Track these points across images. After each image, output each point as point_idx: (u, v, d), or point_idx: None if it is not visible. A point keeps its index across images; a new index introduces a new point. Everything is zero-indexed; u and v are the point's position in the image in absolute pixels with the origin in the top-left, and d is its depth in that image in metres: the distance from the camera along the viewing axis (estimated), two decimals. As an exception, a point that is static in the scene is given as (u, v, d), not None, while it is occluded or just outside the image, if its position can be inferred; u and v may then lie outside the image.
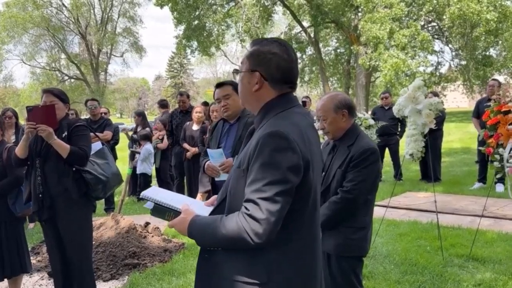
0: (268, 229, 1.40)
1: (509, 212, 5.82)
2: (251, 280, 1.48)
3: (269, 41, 1.62)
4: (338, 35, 31.29)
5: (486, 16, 19.23)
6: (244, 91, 1.63)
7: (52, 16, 39.76)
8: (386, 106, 8.73)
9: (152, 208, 1.60)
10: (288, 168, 1.42)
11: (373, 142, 2.91)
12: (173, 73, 68.08)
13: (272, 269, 1.49)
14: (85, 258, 3.28)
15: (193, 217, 1.56)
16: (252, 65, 1.59)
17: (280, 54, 1.58)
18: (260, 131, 1.52)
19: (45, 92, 3.26)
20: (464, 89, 28.20)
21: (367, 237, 2.65)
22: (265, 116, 1.58)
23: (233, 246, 1.47)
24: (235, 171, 1.55)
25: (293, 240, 1.52)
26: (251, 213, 1.40)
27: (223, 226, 1.45)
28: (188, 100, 7.62)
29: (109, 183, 3.34)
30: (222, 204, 1.58)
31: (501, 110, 4.11)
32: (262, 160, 1.42)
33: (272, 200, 1.40)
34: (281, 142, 1.43)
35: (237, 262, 1.50)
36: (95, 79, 42.19)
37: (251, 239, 1.40)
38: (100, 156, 3.40)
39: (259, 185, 1.41)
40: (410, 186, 8.07)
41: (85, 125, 3.30)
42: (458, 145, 14.42)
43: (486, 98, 7.74)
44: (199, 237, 1.53)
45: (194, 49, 29.12)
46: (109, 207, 6.92)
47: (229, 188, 1.56)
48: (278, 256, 1.49)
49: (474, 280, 3.74)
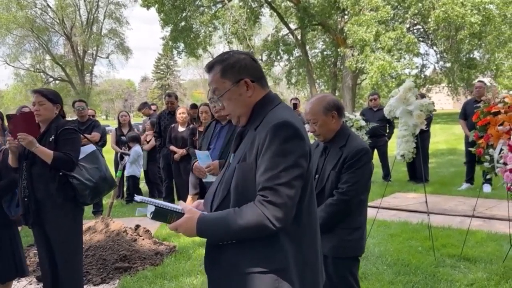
0: (288, 213, 1.49)
1: (498, 212, 5.89)
2: (267, 268, 1.53)
3: (228, 54, 1.69)
4: (325, 38, 31.42)
5: (470, 19, 19.50)
6: (239, 103, 1.66)
7: (36, 17, 39.19)
8: (374, 108, 8.79)
9: (154, 211, 1.55)
10: (299, 155, 1.52)
11: (365, 142, 2.91)
12: (159, 74, 67.70)
13: (286, 255, 1.54)
14: (73, 262, 3.20)
15: (201, 215, 1.57)
16: (234, 77, 1.64)
17: (247, 57, 1.69)
18: (263, 125, 1.57)
19: (34, 93, 3.18)
20: (449, 91, 28.59)
21: (363, 237, 2.65)
22: (259, 114, 1.64)
23: (251, 235, 1.51)
24: (240, 166, 1.58)
25: (300, 225, 1.58)
26: (270, 199, 1.47)
27: (240, 217, 1.49)
28: (176, 101, 7.57)
29: (97, 189, 3.21)
30: (225, 201, 1.60)
31: (491, 111, 4.15)
32: (275, 149, 1.49)
33: (289, 185, 1.49)
34: (290, 131, 1.52)
35: (252, 253, 1.54)
36: (80, 80, 41.69)
37: (272, 225, 1.47)
38: (89, 160, 3.27)
39: (275, 172, 1.48)
40: (398, 187, 8.14)
41: (73, 128, 3.18)
42: (444, 146, 14.60)
43: (473, 99, 7.84)
44: (212, 232, 1.55)
45: (181, 51, 28.92)
46: (97, 210, 6.83)
47: (233, 184, 1.58)
48: (289, 242, 1.55)
49: (466, 280, 3.77)
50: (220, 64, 1.66)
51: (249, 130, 1.68)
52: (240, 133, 1.76)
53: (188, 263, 4.49)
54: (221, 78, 1.65)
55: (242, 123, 1.70)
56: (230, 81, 1.64)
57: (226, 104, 1.68)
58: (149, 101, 50.53)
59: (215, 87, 1.68)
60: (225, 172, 1.71)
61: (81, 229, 3.38)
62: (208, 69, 1.71)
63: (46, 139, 3.09)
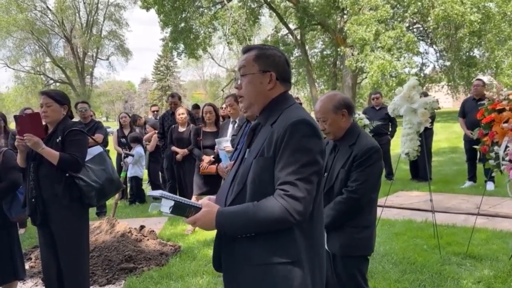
0: (307, 207, 1.57)
1: (502, 210, 5.89)
2: (281, 260, 1.58)
3: (268, 46, 1.79)
4: (324, 37, 31.43)
5: (470, 18, 19.48)
6: (256, 90, 1.73)
7: (36, 19, 39.14)
8: (377, 107, 8.80)
9: (173, 205, 1.58)
10: (317, 152, 1.60)
11: (375, 141, 2.91)
12: (159, 76, 67.60)
13: (299, 248, 1.60)
14: (78, 264, 3.19)
15: (219, 209, 1.62)
16: (263, 66, 1.72)
17: (283, 57, 1.79)
18: (280, 122, 1.63)
19: (42, 94, 3.20)
20: (449, 89, 28.55)
21: (372, 236, 2.64)
22: (274, 110, 1.71)
23: (271, 228, 1.56)
24: (258, 161, 1.62)
25: (312, 220, 1.65)
26: (291, 193, 1.53)
27: (260, 210, 1.54)
28: (179, 102, 7.57)
29: (103, 191, 3.21)
30: (240, 195, 1.64)
31: (495, 108, 4.15)
32: (294, 145, 1.56)
33: (308, 180, 1.56)
34: (308, 128, 1.59)
35: (266, 245, 1.59)
36: (80, 82, 41.67)
37: (293, 218, 1.53)
38: (96, 162, 3.27)
39: (295, 167, 1.55)
40: (401, 186, 8.13)
41: (79, 130, 3.18)
42: (446, 144, 14.60)
43: (471, 98, 7.85)
44: (231, 225, 1.59)
45: (180, 52, 28.89)
46: (100, 211, 6.83)
47: (249, 179, 1.63)
48: (301, 236, 1.61)
49: (473, 277, 3.77)
50: (258, 50, 1.75)
51: (263, 125, 1.73)
52: (253, 128, 1.80)
53: (193, 263, 4.49)
54: (252, 61, 1.73)
55: (252, 111, 1.76)
56: (258, 67, 1.72)
57: (244, 85, 1.74)
58: (150, 102, 50.34)
59: (243, 65, 1.76)
60: (239, 166, 1.75)
61: (87, 230, 3.36)
62: (245, 50, 1.79)
63: (53, 140, 3.10)
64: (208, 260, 4.57)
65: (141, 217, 6.78)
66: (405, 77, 19.87)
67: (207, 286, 3.92)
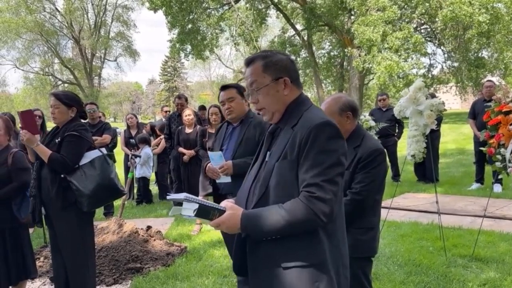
0: (333, 209, 1.57)
1: (509, 213, 5.86)
2: (307, 262, 1.58)
3: (271, 52, 1.78)
4: (332, 38, 31.39)
5: (478, 18, 19.35)
6: (275, 100, 1.73)
7: (45, 21, 39.48)
8: (383, 108, 8.79)
9: (197, 208, 1.58)
10: (341, 153, 1.60)
11: (379, 143, 2.92)
12: (166, 77, 67.92)
13: (324, 250, 1.60)
14: (82, 266, 3.20)
15: (244, 211, 1.62)
16: (274, 74, 1.72)
17: (288, 58, 1.79)
18: (302, 124, 1.63)
19: (51, 95, 3.27)
20: (457, 90, 28.38)
21: (376, 238, 2.65)
22: (294, 113, 1.71)
23: (298, 230, 1.56)
24: (281, 164, 1.62)
25: (335, 221, 1.65)
26: (318, 195, 1.53)
27: (286, 212, 1.54)
28: (186, 103, 7.60)
29: (95, 197, 3.09)
30: (263, 199, 1.64)
31: (502, 111, 4.14)
32: (319, 147, 1.57)
33: (333, 181, 1.57)
34: (333, 130, 1.60)
35: (291, 248, 1.59)
36: (88, 83, 41.96)
37: (320, 220, 1.54)
38: (93, 166, 3.16)
39: (320, 169, 1.55)
40: (408, 187, 8.11)
41: (77, 134, 3.13)
42: (453, 146, 14.52)
43: (481, 99, 7.80)
44: (257, 228, 1.57)
45: (188, 53, 29.01)
46: (108, 211, 6.89)
47: (272, 182, 1.63)
48: (326, 237, 1.61)
49: (478, 280, 3.75)
50: (263, 59, 1.74)
51: (282, 129, 1.73)
52: (271, 132, 1.81)
53: (199, 264, 4.52)
54: (262, 72, 1.72)
55: (275, 119, 1.76)
56: (270, 77, 1.71)
57: (262, 98, 1.73)
58: (157, 103, 50.50)
59: (254, 80, 1.74)
60: (259, 170, 1.75)
61: (89, 232, 3.30)
62: (248, 63, 1.77)
63: (54, 140, 3.16)
64: (214, 260, 4.61)
65: (148, 218, 6.83)
66: (412, 78, 19.78)
67: (212, 286, 3.95)
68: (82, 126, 3.22)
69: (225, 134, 3.53)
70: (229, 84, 3.52)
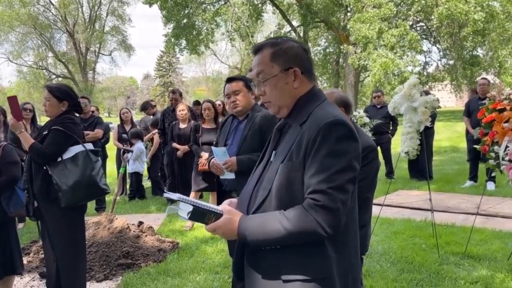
0: (340, 219, 1.39)
1: (501, 210, 5.87)
2: (310, 276, 1.43)
3: (281, 39, 1.60)
4: (328, 35, 31.38)
5: (474, 16, 19.40)
6: (284, 93, 1.55)
7: (39, 14, 39.22)
8: (378, 105, 8.77)
9: (192, 211, 1.47)
10: (353, 156, 1.43)
11: (371, 139, 2.89)
12: (161, 72, 67.66)
13: (330, 263, 1.44)
14: (72, 260, 3.16)
15: (242, 216, 1.48)
16: (283, 64, 1.54)
17: (300, 46, 1.60)
18: (311, 122, 1.46)
19: (44, 88, 3.25)
20: (452, 88, 28.47)
21: (367, 235, 2.63)
22: (304, 109, 1.54)
23: (299, 241, 1.41)
24: (286, 165, 1.46)
25: (345, 231, 1.48)
26: (323, 204, 1.36)
27: (287, 221, 1.38)
28: (180, 98, 7.55)
29: (73, 193, 2.99)
30: (265, 202, 1.49)
31: (496, 108, 4.12)
32: (328, 149, 1.39)
33: (342, 189, 1.39)
34: (344, 130, 1.42)
35: (295, 260, 1.44)
36: (83, 77, 41.75)
37: (324, 231, 1.37)
38: (73, 162, 3.06)
39: (327, 174, 1.37)
40: (401, 185, 8.11)
41: (60, 129, 3.06)
42: (447, 143, 14.56)
43: (476, 97, 7.80)
44: (255, 236, 1.43)
45: (183, 48, 28.92)
46: (100, 206, 6.83)
47: (275, 184, 1.47)
48: (333, 249, 1.45)
49: (470, 277, 3.75)
50: (272, 47, 1.56)
51: (291, 125, 1.57)
52: (279, 128, 1.65)
53: (191, 260, 4.48)
54: (270, 62, 1.55)
55: (282, 114, 1.59)
56: (279, 67, 1.54)
57: (268, 90, 1.56)
58: (152, 98, 50.54)
59: (261, 69, 1.56)
60: (263, 170, 1.60)
61: (79, 227, 3.24)
62: (256, 50, 1.60)
63: (42, 133, 3.14)
64: (206, 256, 4.57)
65: (140, 213, 6.78)
66: (407, 76, 19.78)
67: (204, 283, 3.91)
68: (71, 119, 3.15)
69: (230, 129, 3.41)
70: (236, 76, 3.36)
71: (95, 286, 3.94)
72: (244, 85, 3.22)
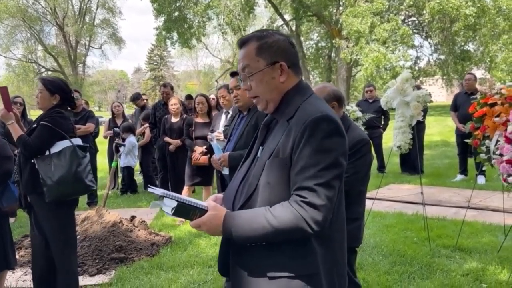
0: (327, 216, 1.38)
1: (492, 204, 5.94)
2: (296, 273, 1.42)
3: (267, 32, 1.57)
4: (320, 29, 31.37)
5: (465, 11, 19.54)
6: (270, 87, 1.53)
7: (28, 6, 38.65)
8: (370, 99, 8.80)
9: (176, 206, 1.45)
10: (340, 153, 1.42)
11: (364, 133, 2.91)
12: (153, 65, 67.22)
13: (316, 259, 1.44)
14: (64, 254, 3.14)
15: (228, 213, 1.46)
16: (269, 58, 1.51)
17: (286, 39, 1.57)
18: (298, 117, 1.45)
19: (39, 80, 3.25)
20: (443, 83, 28.67)
21: (361, 228, 2.66)
22: (291, 104, 1.52)
23: (284, 238, 1.40)
24: (273, 162, 1.44)
25: (331, 227, 1.46)
26: (309, 201, 1.35)
27: (273, 217, 1.37)
28: (172, 92, 7.51)
29: (55, 188, 2.95)
30: (251, 199, 1.47)
31: (487, 103, 4.15)
32: (314, 145, 1.38)
33: (328, 185, 1.38)
34: (331, 126, 1.41)
35: (280, 256, 1.43)
36: (73, 71, 41.33)
37: (310, 228, 1.36)
38: (59, 157, 3.02)
39: (314, 170, 1.37)
40: (393, 179, 8.16)
41: (47, 124, 3.03)
42: (438, 138, 14.67)
43: (463, 92, 7.89)
44: (240, 232, 1.41)
45: (174, 41, 28.73)
46: (92, 200, 6.79)
47: (262, 181, 1.46)
48: (319, 245, 1.44)
49: (461, 270, 3.80)
50: (257, 40, 1.53)
51: (278, 121, 1.55)
52: (266, 124, 1.63)
53: (184, 254, 4.49)
54: (256, 56, 1.52)
55: (269, 109, 1.57)
56: (265, 61, 1.51)
57: (254, 85, 1.54)
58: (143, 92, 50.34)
59: (246, 64, 1.53)
60: (250, 166, 1.58)
61: (67, 223, 3.19)
62: (242, 44, 1.57)
63: (33, 125, 3.13)
64: (199, 250, 4.58)
65: (132, 207, 6.76)
66: (399, 70, 19.89)
67: (197, 276, 3.92)
68: (60, 113, 3.10)
69: (235, 123, 3.47)
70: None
71: (88, 280, 3.92)
72: None
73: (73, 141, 3.11)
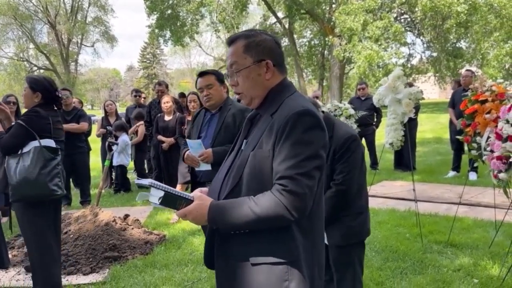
0: (307, 204, 1.46)
1: (483, 200, 5.99)
2: (279, 259, 1.49)
3: (255, 32, 1.65)
4: (313, 27, 31.39)
5: (457, 9, 19.62)
6: (255, 84, 1.61)
7: (19, 4, 38.24)
8: (362, 97, 8.83)
9: (163, 196, 1.49)
10: (320, 145, 1.50)
11: (351, 128, 2.92)
12: (145, 63, 66.96)
13: (297, 246, 1.51)
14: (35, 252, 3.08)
15: (213, 202, 1.53)
16: (256, 56, 1.60)
17: (273, 39, 1.66)
18: (281, 112, 1.52)
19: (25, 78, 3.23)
20: (435, 80, 28.82)
21: (366, 221, 2.70)
22: (275, 99, 1.60)
23: (267, 225, 1.47)
24: (256, 153, 1.52)
25: (310, 216, 1.54)
26: (291, 189, 1.42)
27: (256, 205, 1.44)
28: (167, 90, 7.50)
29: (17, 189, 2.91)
30: (236, 189, 1.54)
31: (478, 100, 4.19)
32: (296, 137, 1.46)
33: (309, 175, 1.45)
34: (312, 120, 1.49)
35: (262, 244, 1.50)
36: (65, 69, 41.03)
37: (291, 215, 1.43)
38: (26, 157, 2.94)
39: (295, 161, 1.44)
40: (386, 175, 8.21)
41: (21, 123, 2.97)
42: (430, 135, 14.76)
43: (461, 88, 7.91)
44: (225, 220, 1.48)
45: (167, 39, 28.63)
46: (85, 199, 6.77)
47: (246, 172, 1.53)
48: (299, 233, 1.52)
49: (453, 265, 3.84)
50: (245, 39, 1.62)
51: (262, 115, 1.63)
52: (250, 118, 1.72)
53: (178, 252, 4.49)
54: (243, 53, 1.60)
55: (254, 105, 1.66)
56: (252, 59, 1.60)
57: (241, 81, 1.62)
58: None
59: (234, 60, 1.62)
60: (234, 159, 1.65)
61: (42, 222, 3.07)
62: (230, 42, 1.65)
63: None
64: (193, 248, 4.58)
65: (126, 206, 6.74)
66: (392, 68, 19.95)
67: (191, 275, 3.93)
68: (36, 112, 3.01)
69: (203, 121, 3.48)
70: (207, 70, 3.45)
71: (82, 279, 3.91)
72: (216, 79, 3.31)
73: (45, 141, 3.00)
